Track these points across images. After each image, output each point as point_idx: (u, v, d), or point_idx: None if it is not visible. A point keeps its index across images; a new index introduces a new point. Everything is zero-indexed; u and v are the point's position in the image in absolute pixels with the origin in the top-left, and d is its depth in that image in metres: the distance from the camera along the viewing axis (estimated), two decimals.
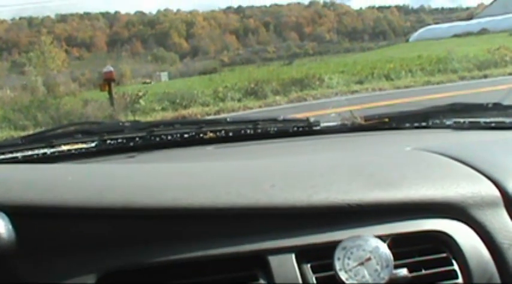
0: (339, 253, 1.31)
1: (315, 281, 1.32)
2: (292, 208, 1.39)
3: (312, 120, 2.53)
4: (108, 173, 1.64)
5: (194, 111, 18.59)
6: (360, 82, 21.85)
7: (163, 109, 19.45)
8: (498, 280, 1.40)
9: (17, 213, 1.20)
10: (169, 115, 18.35)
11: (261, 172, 1.62)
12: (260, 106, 18.87)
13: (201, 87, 22.63)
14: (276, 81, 21.44)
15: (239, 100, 20.06)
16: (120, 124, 2.52)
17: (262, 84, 20.99)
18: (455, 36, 44.78)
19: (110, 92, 18.67)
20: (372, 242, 1.33)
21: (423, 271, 1.38)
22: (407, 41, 58.10)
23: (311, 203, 1.40)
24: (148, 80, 43.17)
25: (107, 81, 18.66)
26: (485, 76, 20.92)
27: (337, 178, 1.55)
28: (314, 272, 1.33)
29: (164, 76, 45.50)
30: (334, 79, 22.05)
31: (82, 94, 25.33)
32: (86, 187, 1.41)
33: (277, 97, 19.95)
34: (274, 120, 2.52)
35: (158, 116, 17.94)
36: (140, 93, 20.79)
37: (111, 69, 19.65)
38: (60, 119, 17.16)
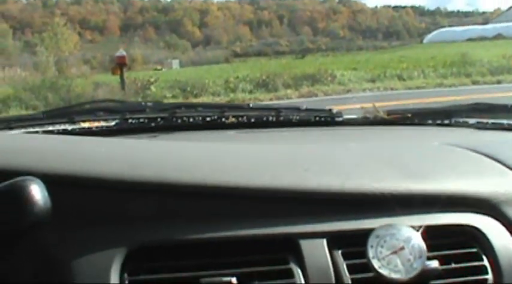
0: (372, 241, 1.30)
1: (345, 268, 1.31)
2: (325, 193, 1.38)
3: (334, 111, 2.52)
4: (139, 148, 1.63)
5: (204, 100, 18.58)
6: (372, 80, 21.77)
7: (173, 96, 19.42)
8: None
9: (52, 182, 1.19)
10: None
11: (294, 156, 1.61)
12: (271, 99, 18.84)
13: (212, 76, 22.63)
14: (287, 75, 21.39)
15: (250, 91, 20.04)
16: (143, 104, 2.52)
17: (273, 76, 20.95)
18: (470, 40, 44.67)
19: (121, 76, 18.68)
20: (406, 231, 1.31)
21: (453, 265, 1.36)
22: (421, 42, 58.02)
23: (344, 189, 1.39)
24: (159, 67, 43.09)
25: (119, 65, 18.66)
26: (499, 82, 20.85)
27: (370, 166, 1.54)
28: (345, 259, 1.32)
29: (175, 63, 45.37)
30: (346, 76, 22.01)
31: (93, 77, 25.29)
32: (120, 160, 1.41)
33: (288, 91, 19.92)
34: (297, 109, 2.51)
35: None
36: (152, 79, 20.79)
37: (124, 53, 19.66)
38: (70, 101, 17.13)
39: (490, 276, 1.37)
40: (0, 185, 1.10)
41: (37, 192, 1.12)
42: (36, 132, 2.22)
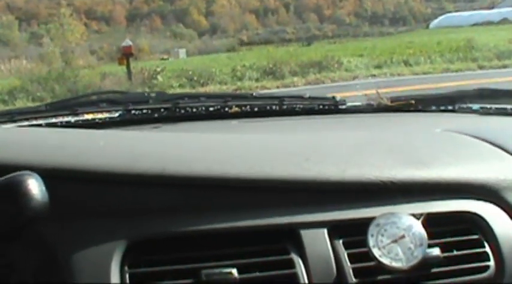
0: (372, 230, 1.30)
1: (346, 257, 1.31)
2: (325, 183, 1.38)
3: (338, 98, 2.52)
4: (140, 140, 1.63)
5: (212, 89, 18.55)
6: (379, 66, 21.68)
7: (180, 86, 19.41)
8: None
9: (49, 176, 1.19)
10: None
11: (294, 146, 1.61)
12: (278, 87, 18.80)
13: (219, 65, 22.61)
14: (294, 62, 21.34)
15: (257, 79, 20.01)
16: (145, 94, 2.51)
17: (280, 64, 20.90)
18: (476, 24, 44.40)
19: (128, 67, 18.72)
20: (406, 220, 1.31)
21: (455, 252, 1.37)
22: (427, 27, 57.69)
23: (345, 178, 1.39)
24: (166, 56, 42.94)
25: (126, 56, 18.70)
26: (505, 67, 20.71)
27: (370, 154, 1.54)
28: (346, 248, 1.32)
29: (182, 53, 45.12)
30: (352, 63, 21.94)
31: (100, 67, 25.26)
32: (118, 153, 1.41)
33: (295, 79, 19.87)
34: (300, 98, 2.51)
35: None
36: (158, 69, 20.77)
37: (130, 43, 19.71)
38: (77, 92, 17.12)
39: (492, 262, 1.37)
40: None
41: (35, 187, 1.12)
42: (40, 124, 2.22)
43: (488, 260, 1.37)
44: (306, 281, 1.27)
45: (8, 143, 1.43)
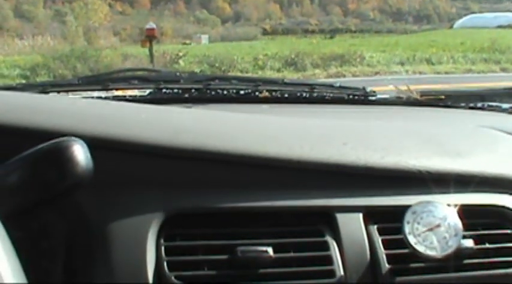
0: (408, 217, 1.30)
1: (381, 243, 1.31)
2: (363, 168, 1.38)
3: (368, 89, 2.51)
4: (179, 116, 1.64)
5: None
6: (401, 63, 21.58)
7: (201, 72, 19.38)
8: None
9: (93, 144, 1.19)
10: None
11: (332, 130, 1.62)
12: (298, 78, 18.75)
13: (241, 53, 22.55)
14: (316, 54, 21.28)
15: (278, 70, 19.98)
16: (177, 74, 2.51)
17: (302, 55, 20.86)
18: (501, 27, 44.08)
19: (150, 49, 18.67)
20: (442, 209, 1.31)
21: (487, 245, 1.37)
22: (451, 27, 57.31)
23: (382, 164, 1.40)
24: (188, 41, 42.82)
25: (149, 38, 18.65)
26: None
27: (407, 144, 1.54)
28: (380, 234, 1.33)
29: (205, 39, 44.94)
30: (375, 58, 21.87)
31: (122, 48, 25.25)
32: (160, 126, 1.41)
33: (317, 71, 19.83)
34: (331, 86, 2.51)
35: None
36: (180, 54, 20.80)
37: (154, 26, 19.67)
38: (99, 71, 17.07)
39: None
40: (44, 145, 1.10)
41: (80, 153, 1.11)
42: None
43: None
44: (340, 264, 1.28)
45: (53, 110, 1.43)
